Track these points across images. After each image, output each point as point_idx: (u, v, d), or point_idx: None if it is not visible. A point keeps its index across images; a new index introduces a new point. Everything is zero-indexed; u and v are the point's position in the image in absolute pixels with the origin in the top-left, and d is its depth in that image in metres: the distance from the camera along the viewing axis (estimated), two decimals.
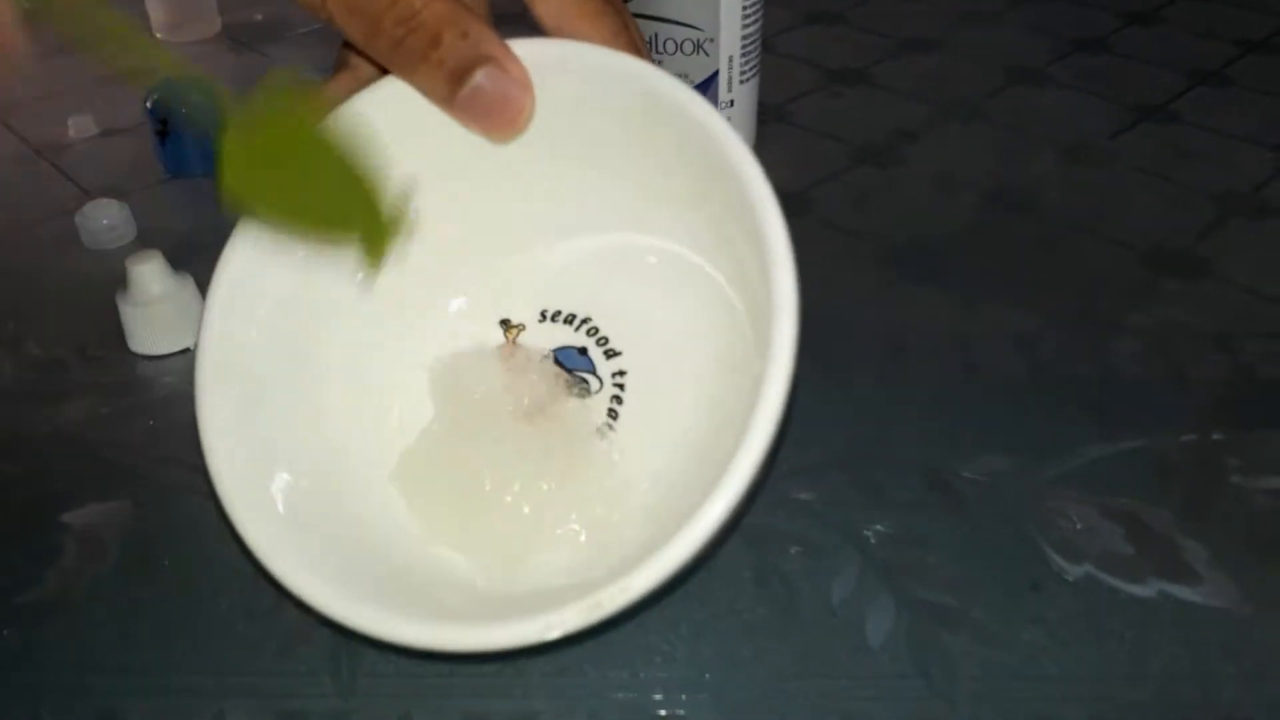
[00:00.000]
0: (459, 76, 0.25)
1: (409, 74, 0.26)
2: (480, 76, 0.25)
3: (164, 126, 0.49)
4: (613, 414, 0.30)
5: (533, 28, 0.27)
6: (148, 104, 0.50)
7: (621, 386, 0.31)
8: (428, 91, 0.26)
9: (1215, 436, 0.35)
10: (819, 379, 0.38)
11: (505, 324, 0.32)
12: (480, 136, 0.26)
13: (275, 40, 0.66)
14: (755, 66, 0.42)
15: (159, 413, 0.37)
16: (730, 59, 0.41)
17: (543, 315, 0.32)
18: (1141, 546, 0.31)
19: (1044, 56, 0.63)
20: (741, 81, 0.41)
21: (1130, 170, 0.52)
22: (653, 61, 0.28)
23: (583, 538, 0.28)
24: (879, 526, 0.32)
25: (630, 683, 0.28)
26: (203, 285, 0.39)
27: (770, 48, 0.64)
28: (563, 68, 0.26)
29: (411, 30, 0.24)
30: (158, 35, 0.66)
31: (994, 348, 0.40)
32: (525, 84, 0.26)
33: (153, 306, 0.38)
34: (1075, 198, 0.49)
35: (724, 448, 0.23)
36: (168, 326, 0.39)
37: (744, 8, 0.40)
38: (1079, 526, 0.32)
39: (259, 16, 0.69)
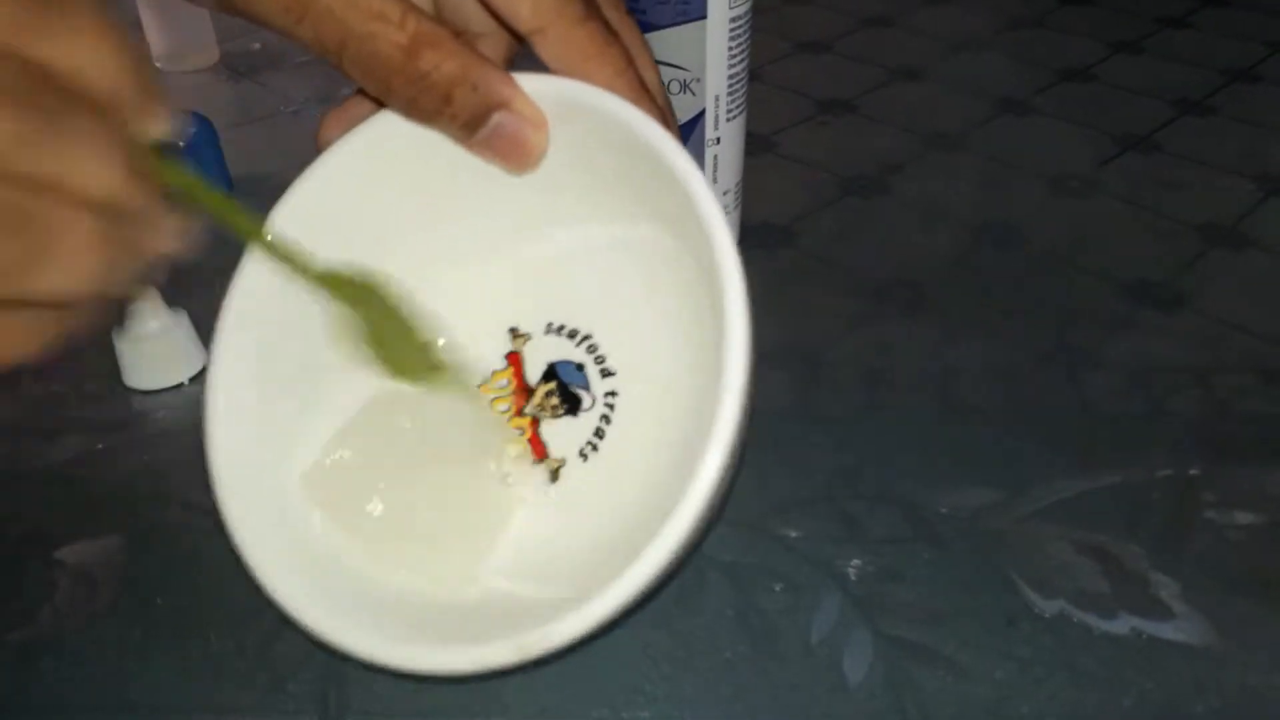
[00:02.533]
0: (474, 124, 0.27)
1: (425, 124, 0.27)
2: (496, 119, 0.27)
3: None
4: (599, 433, 0.31)
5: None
6: None
7: (611, 407, 0.31)
8: (445, 135, 0.27)
9: (1191, 471, 0.36)
10: (800, 411, 0.39)
11: (514, 331, 0.33)
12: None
13: (273, 69, 0.67)
14: (742, 104, 0.43)
15: (154, 448, 0.37)
16: (717, 98, 0.41)
17: (549, 327, 0.33)
18: (1115, 582, 0.32)
19: (1030, 86, 0.64)
20: (728, 119, 0.42)
21: (1114, 201, 0.52)
22: (661, 91, 0.30)
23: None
24: (858, 562, 0.33)
25: None
26: (198, 321, 0.40)
27: (759, 77, 0.65)
28: (565, 110, 0.27)
29: (422, 90, 0.26)
30: (157, 64, 0.67)
31: (973, 381, 0.40)
32: (538, 122, 0.27)
33: (148, 342, 0.39)
34: (1058, 229, 0.50)
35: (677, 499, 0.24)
36: (163, 362, 0.39)
37: (730, 48, 0.40)
38: (1054, 562, 0.33)
39: (257, 46, 0.70)
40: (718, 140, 0.42)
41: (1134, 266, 0.47)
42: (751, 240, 0.48)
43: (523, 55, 0.29)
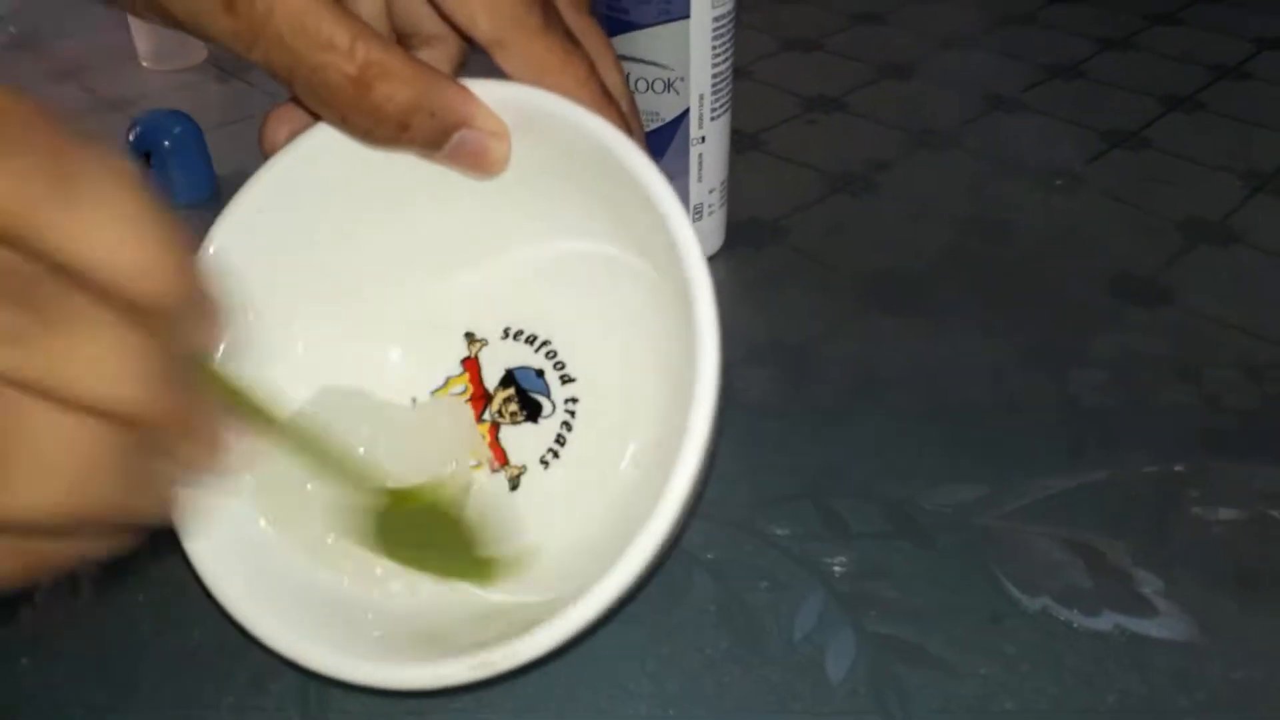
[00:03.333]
0: (436, 144, 0.26)
1: (386, 149, 0.27)
2: (458, 136, 0.26)
3: (146, 159, 0.50)
4: (560, 440, 0.31)
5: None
6: (130, 136, 0.50)
7: (572, 414, 0.31)
8: (409, 152, 0.27)
9: (1177, 468, 0.36)
10: (787, 408, 0.39)
11: (470, 337, 0.33)
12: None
13: (258, 69, 0.66)
14: (726, 103, 0.43)
15: None
16: (701, 97, 0.41)
17: (505, 332, 0.32)
18: (1100, 579, 0.32)
19: (1019, 83, 0.64)
20: (713, 118, 0.42)
21: (1101, 197, 0.52)
22: (626, 96, 0.29)
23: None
24: (843, 558, 0.33)
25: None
26: None
27: (747, 74, 0.64)
28: (526, 119, 0.27)
29: (377, 122, 0.25)
30: (143, 63, 0.67)
31: (960, 377, 0.40)
32: (500, 133, 0.27)
33: None
34: (1046, 226, 0.50)
35: (646, 507, 0.23)
36: None
37: (714, 47, 0.40)
38: (1039, 559, 0.33)
39: None
40: (702, 139, 0.42)
41: (1120, 262, 0.47)
42: (738, 237, 0.48)
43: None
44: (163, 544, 0.33)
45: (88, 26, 0.73)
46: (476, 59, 0.30)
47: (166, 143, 0.50)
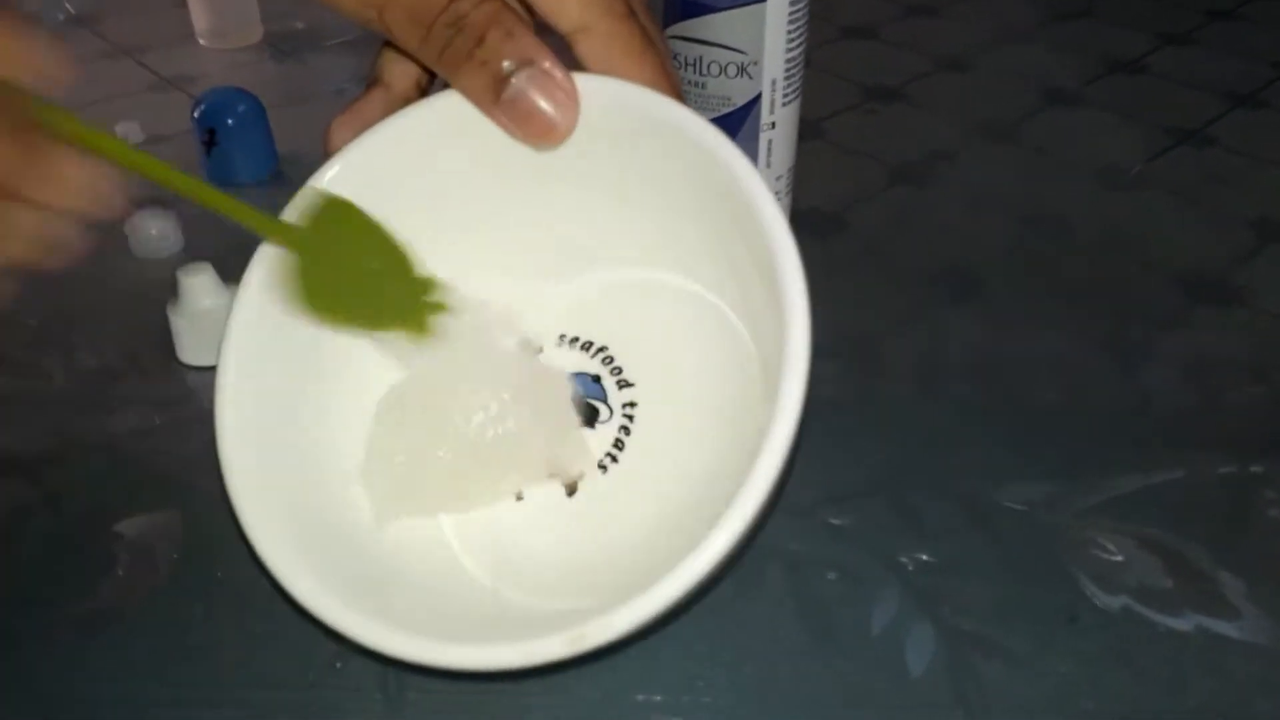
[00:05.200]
0: (502, 77, 0.26)
1: (455, 75, 0.27)
2: (522, 79, 0.26)
3: (210, 137, 0.50)
4: (619, 444, 0.31)
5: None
6: (194, 114, 0.51)
7: (630, 418, 0.31)
8: (471, 93, 0.27)
9: (1253, 469, 0.36)
10: (855, 402, 0.39)
11: (524, 344, 0.32)
12: (521, 142, 0.27)
13: (315, 49, 0.67)
14: (797, 89, 0.42)
15: (210, 423, 0.37)
16: (774, 82, 0.41)
17: (560, 338, 0.32)
18: (1179, 579, 0.32)
19: (1079, 78, 0.63)
20: (784, 104, 0.42)
21: (1165, 194, 0.52)
22: (685, 101, 0.29)
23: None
24: (917, 554, 0.32)
25: (673, 706, 0.28)
26: None
27: (807, 62, 0.64)
28: (604, 104, 0.27)
29: (460, 30, 0.26)
30: (201, 42, 0.67)
31: (1027, 372, 0.40)
32: (569, 91, 0.27)
33: (203, 318, 0.39)
34: (1109, 222, 0.49)
35: (724, 493, 0.23)
36: (218, 338, 0.39)
37: (789, 32, 0.40)
38: (1116, 558, 0.32)
39: (300, 25, 0.70)
40: (773, 125, 0.42)
41: (1188, 260, 0.46)
42: (800, 227, 0.47)
43: None
44: (237, 523, 0.33)
45: (145, 5, 0.73)
46: None
47: (230, 120, 0.50)
